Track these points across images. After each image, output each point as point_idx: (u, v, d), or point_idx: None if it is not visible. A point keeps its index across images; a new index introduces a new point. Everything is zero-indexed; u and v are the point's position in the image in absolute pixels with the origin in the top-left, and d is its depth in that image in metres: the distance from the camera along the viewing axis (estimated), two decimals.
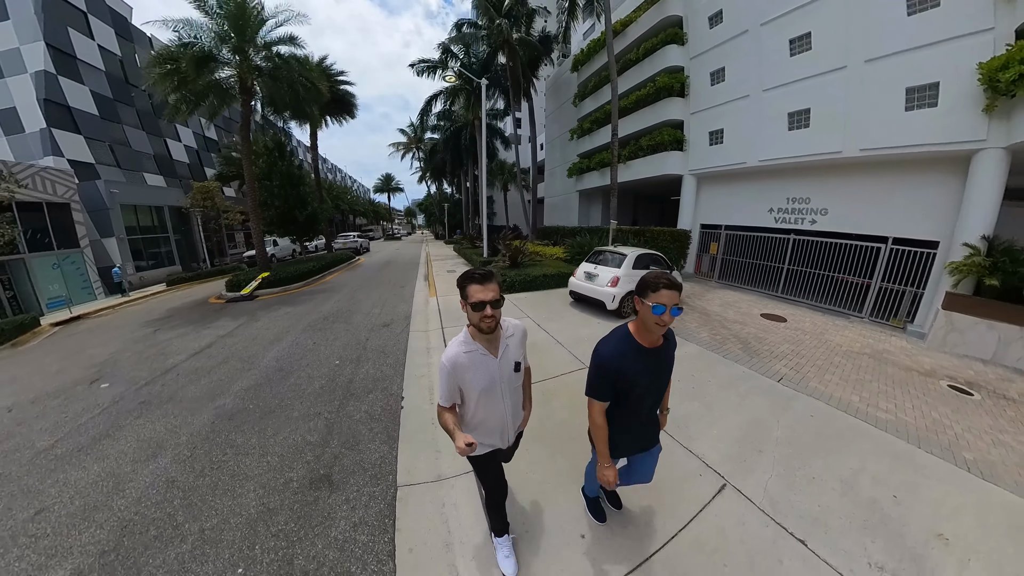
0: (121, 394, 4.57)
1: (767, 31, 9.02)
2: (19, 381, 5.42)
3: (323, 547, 2.20)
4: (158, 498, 2.69)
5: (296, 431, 3.49)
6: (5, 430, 3.87)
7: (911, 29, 6.85)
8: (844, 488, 2.48)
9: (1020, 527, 2.25)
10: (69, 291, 12.18)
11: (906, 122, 6.93)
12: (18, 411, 4.33)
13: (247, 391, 4.40)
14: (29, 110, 15.45)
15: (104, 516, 2.54)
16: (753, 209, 10.06)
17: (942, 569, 1.92)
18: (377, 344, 5.88)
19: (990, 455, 3.14)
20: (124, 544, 2.29)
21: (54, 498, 2.77)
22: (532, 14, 16.03)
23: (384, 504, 2.52)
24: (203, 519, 2.46)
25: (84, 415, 4.08)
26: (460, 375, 1.50)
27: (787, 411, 3.51)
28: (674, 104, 11.57)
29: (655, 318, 1.36)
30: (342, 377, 4.67)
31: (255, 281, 10.26)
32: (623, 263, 6.90)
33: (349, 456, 3.07)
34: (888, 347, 6.14)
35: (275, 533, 2.31)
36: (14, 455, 3.38)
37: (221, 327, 7.40)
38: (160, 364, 5.55)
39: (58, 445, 3.49)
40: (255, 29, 9.41)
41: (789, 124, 8.65)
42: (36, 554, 2.27)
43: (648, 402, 1.65)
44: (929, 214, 7.12)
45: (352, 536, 2.27)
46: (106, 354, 6.30)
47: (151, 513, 2.55)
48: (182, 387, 4.66)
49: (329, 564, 2.08)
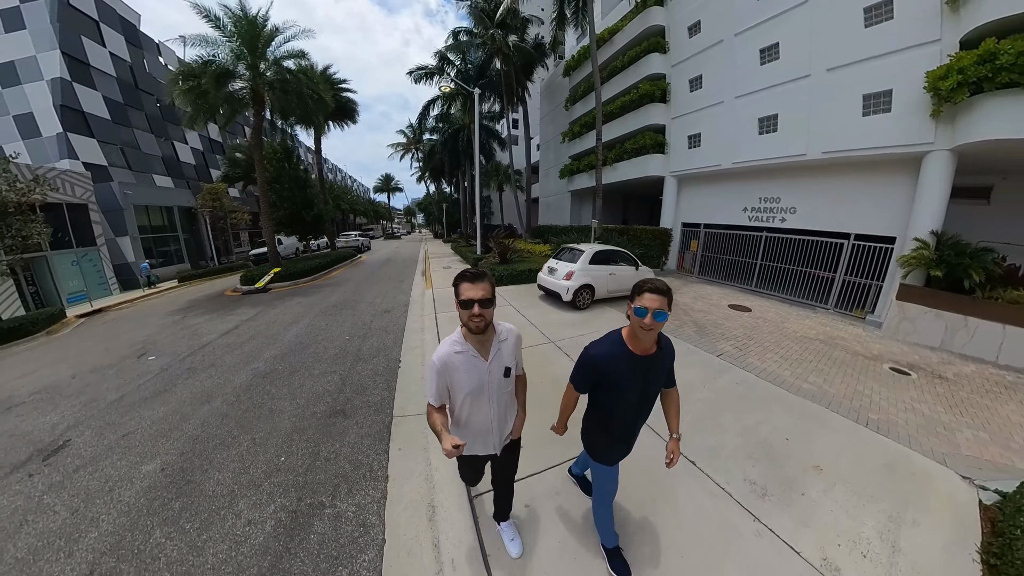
0: (168, 364, 5.36)
1: (740, 41, 9.44)
2: (70, 359, 6.08)
3: (339, 447, 3.15)
4: (216, 423, 3.60)
5: (317, 383, 4.40)
6: (76, 390, 4.71)
7: (868, 40, 7.26)
8: (744, 432, 2.96)
9: (891, 465, 2.71)
10: (87, 287, 12.65)
11: (863, 126, 7.35)
12: (80, 378, 5.07)
13: (275, 358, 5.29)
14: (46, 115, 15.91)
15: (177, 434, 3.46)
16: (729, 208, 10.48)
17: (809, 488, 2.38)
18: (380, 325, 6.70)
19: (896, 418, 3.58)
20: (196, 448, 3.22)
21: (135, 427, 3.65)
22: (525, 22, 16.41)
23: (383, 426, 3.43)
24: (252, 433, 3.41)
25: (141, 378, 4.88)
26: (449, 375, 1.48)
27: (716, 379, 4.01)
28: (656, 109, 11.99)
29: (638, 321, 1.33)
30: (351, 348, 5.57)
31: (268, 275, 10.95)
32: (580, 259, 7.35)
33: (358, 398, 4.00)
34: (843, 334, 6.54)
35: (305, 440, 3.26)
36: (91, 404, 4.24)
37: (243, 314, 8.17)
38: (196, 342, 6.33)
39: (125, 398, 4.33)
40: (265, 45, 10.04)
41: (759, 129, 9.08)
42: (132, 456, 3.18)
43: (635, 410, 1.58)
44: (886, 211, 7.53)
45: (359, 442, 3.22)
46: (143, 336, 7.02)
47: (212, 432, 3.47)
48: (219, 357, 5.47)
49: (344, 455, 3.04)
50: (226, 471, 2.89)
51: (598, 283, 7.44)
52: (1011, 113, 5.47)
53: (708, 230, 11.11)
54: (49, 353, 6.63)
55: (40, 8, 15.92)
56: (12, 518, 2.52)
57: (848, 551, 1.99)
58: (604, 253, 7.67)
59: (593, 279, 7.34)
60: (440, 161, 26.81)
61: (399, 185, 54.50)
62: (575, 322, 6.44)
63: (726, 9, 9.82)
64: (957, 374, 4.98)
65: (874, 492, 2.41)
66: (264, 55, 10.11)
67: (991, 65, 5.49)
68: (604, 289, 7.61)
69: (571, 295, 7.09)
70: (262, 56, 10.04)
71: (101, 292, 13.48)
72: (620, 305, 7.87)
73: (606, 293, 7.69)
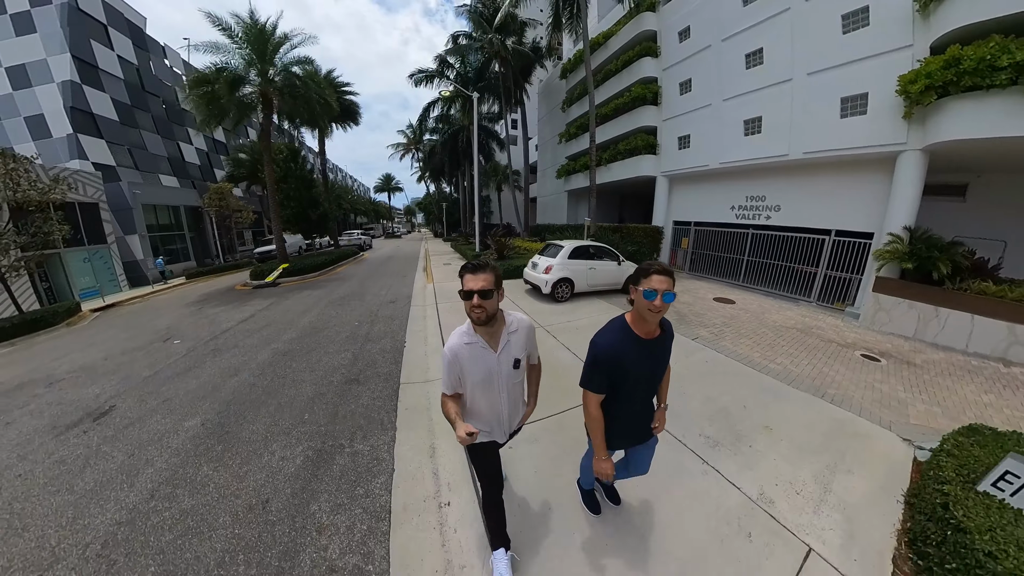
0: (193, 346, 5.85)
1: (727, 46, 9.75)
2: (97, 345, 6.49)
3: (355, 407, 3.69)
4: (245, 391, 4.14)
5: (333, 359, 4.98)
6: (111, 368, 5.20)
7: (846, 46, 7.57)
8: (706, 400, 3.31)
9: (838, 429, 3.04)
10: (99, 283, 12.94)
11: (841, 128, 7.67)
12: (112, 360, 5.51)
13: (293, 340, 5.87)
14: (56, 117, 16.18)
15: (211, 399, 4.00)
16: (718, 207, 10.80)
17: (756, 443, 2.71)
18: (386, 313, 7.20)
19: (854, 394, 3.88)
20: (230, 409, 3.75)
21: (172, 394, 4.18)
22: (523, 26, 16.71)
23: (391, 391, 3.99)
24: (279, 398, 3.95)
25: (170, 358, 5.34)
26: (460, 365, 1.48)
27: (689, 357, 4.37)
28: (648, 112, 12.31)
29: (647, 303, 1.32)
30: (361, 331, 6.17)
31: (277, 270, 11.43)
32: (559, 254, 7.65)
33: (369, 371, 4.56)
34: (820, 324, 6.85)
35: (325, 402, 3.80)
36: (127, 379, 4.75)
37: (256, 304, 8.64)
38: (216, 328, 6.83)
39: (159, 374, 4.84)
40: (274, 52, 10.50)
41: (745, 130, 9.40)
42: (174, 415, 3.70)
43: (643, 394, 1.59)
44: (864, 208, 7.84)
45: (371, 403, 3.76)
46: (165, 325, 7.48)
47: (242, 397, 4.00)
48: (241, 340, 5.99)
49: (359, 412, 3.58)
50: (258, 424, 3.42)
51: (577, 277, 7.73)
52: (973, 114, 5.78)
53: (698, 228, 11.43)
54: (74, 341, 7.00)
55: (50, 12, 16.18)
56: (76, 462, 3.01)
57: (783, 490, 2.33)
58: (584, 249, 7.95)
59: (572, 273, 7.64)
60: (440, 161, 27.10)
61: (399, 185, 54.78)
62: (562, 311, 6.89)
63: (714, 15, 10.13)
64: (926, 360, 5.14)
65: (816, 448, 2.73)
66: (273, 61, 10.54)
67: (955, 70, 5.81)
68: (584, 283, 7.89)
69: (550, 288, 7.42)
70: (271, 62, 10.47)
71: (112, 288, 13.76)
72: (604, 294, 8.24)
73: (587, 287, 7.98)
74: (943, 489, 1.88)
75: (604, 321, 1.62)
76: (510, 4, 12.80)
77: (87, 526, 2.32)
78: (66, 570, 2.02)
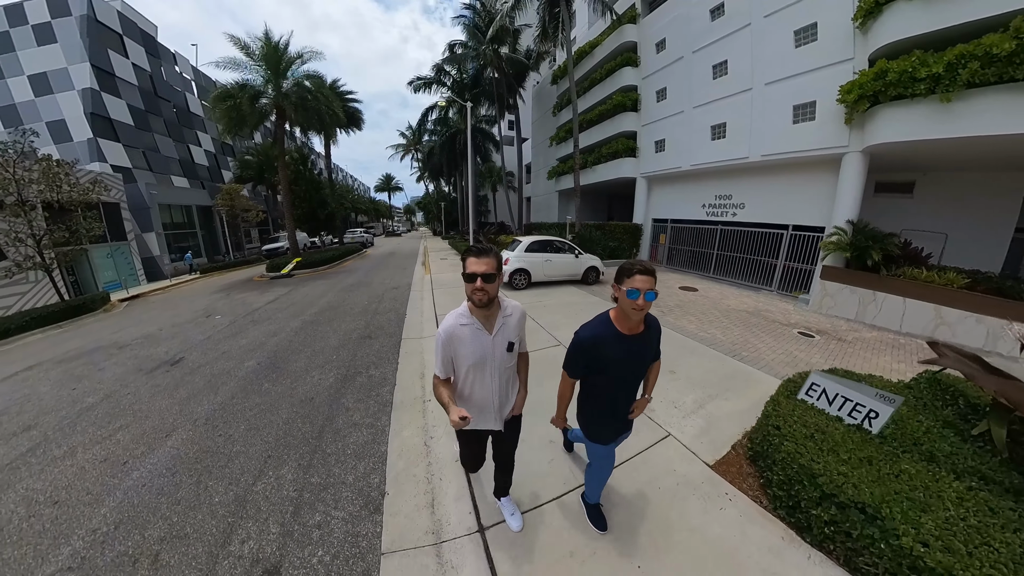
0: (233, 320, 7.02)
1: (696, 58, 10.44)
2: (144, 323, 7.53)
3: (369, 352, 4.96)
4: (286, 344, 5.44)
5: (350, 324, 6.33)
6: (169, 335, 6.43)
7: (798, 59, 8.26)
8: None
9: (732, 376, 3.76)
10: (120, 276, 13.65)
11: (794, 132, 8.36)
12: (167, 331, 6.69)
13: (316, 313, 7.19)
14: (77, 122, 16.87)
15: (260, 351, 5.22)
16: (691, 205, 11.51)
17: (659, 381, 3.38)
18: (390, 296, 8.34)
19: (766, 356, 4.52)
20: (276, 355, 5.00)
21: (228, 349, 5.39)
22: (517, 33, 17.34)
23: (395, 343, 5.25)
24: (311, 347, 5.25)
25: (216, 328, 6.63)
26: (454, 346, 1.49)
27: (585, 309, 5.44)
28: (628, 117, 13.01)
29: (630, 303, 1.34)
30: (370, 307, 7.46)
31: (291, 263, 12.57)
32: (517, 248, 8.56)
33: (378, 331, 5.88)
34: (772, 309, 7.50)
35: (347, 351, 5.04)
36: (187, 341, 5.96)
37: (277, 291, 9.84)
38: (248, 307, 8.03)
39: (211, 338, 6.04)
40: (287, 68, 11.58)
41: (712, 135, 10.10)
42: (234, 360, 4.90)
43: (624, 386, 1.60)
44: (815, 205, 8.53)
45: (381, 350, 5.04)
46: (202, 306, 8.60)
47: (285, 348, 5.28)
48: (273, 315, 7.20)
49: (372, 355, 4.86)
50: (299, 362, 4.72)
51: (534, 268, 8.53)
52: (900, 120, 6.46)
53: (674, 225, 12.13)
54: (121, 321, 7.97)
55: (70, 24, 16.86)
56: (168, 386, 4.27)
57: (665, 405, 3.18)
58: (540, 243, 8.82)
59: (528, 264, 8.44)
60: (439, 162, 27.73)
61: (399, 184, 55.40)
62: (532, 294, 7.85)
63: (686, 29, 10.82)
64: (857, 338, 5.61)
65: (706, 385, 3.47)
66: (286, 75, 11.58)
67: (883, 81, 6.49)
68: (541, 273, 8.69)
69: (507, 277, 8.29)
70: (284, 76, 11.53)
71: (131, 282, 14.44)
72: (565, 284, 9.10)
73: (544, 277, 8.77)
74: (775, 398, 2.58)
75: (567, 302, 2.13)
76: (502, 18, 13.46)
77: (191, 413, 3.57)
78: (185, 432, 3.23)
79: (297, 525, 2.12)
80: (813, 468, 1.88)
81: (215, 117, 11.29)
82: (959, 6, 5.75)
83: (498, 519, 2.00)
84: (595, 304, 6.99)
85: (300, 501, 2.30)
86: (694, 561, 1.77)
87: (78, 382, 4.64)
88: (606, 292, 8.17)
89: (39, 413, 3.85)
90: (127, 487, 2.53)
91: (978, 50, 5.38)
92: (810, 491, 1.84)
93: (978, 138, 5.70)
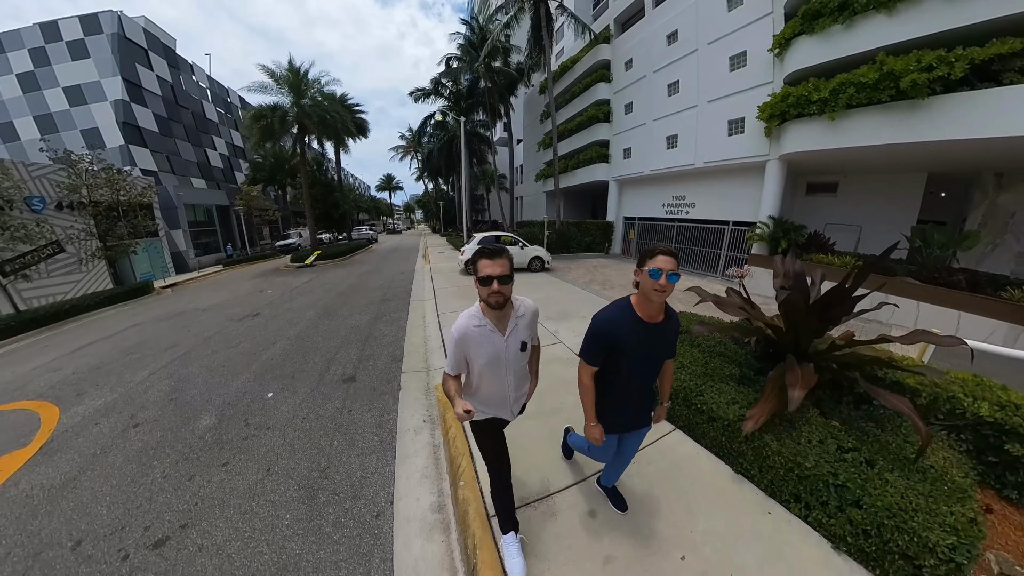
0: (282, 293, 8.95)
1: (656, 77, 11.88)
2: (202, 299, 9.16)
3: (389, 307, 7.16)
4: (330, 303, 7.62)
5: (372, 294, 8.38)
6: (237, 302, 8.31)
7: (732, 81, 9.69)
8: (562, 308, 5.82)
9: (585, 301, 5.31)
10: (153, 268, 15.05)
11: (729, 143, 9.82)
12: (232, 300, 8.64)
13: (345, 289, 9.24)
14: (109, 130, 18.24)
15: (313, 309, 7.26)
16: (654, 205, 12.99)
17: (570, 321, 4.89)
18: (399, 278, 10.29)
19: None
20: (326, 310, 7.11)
21: (289, 307, 7.54)
22: (508, 50, 18.68)
23: (405, 302, 7.45)
24: (350, 305, 7.44)
25: (271, 298, 8.52)
26: (467, 347, 1.46)
27: (570, 295, 7.02)
28: (602, 128, 14.50)
29: (652, 283, 1.28)
30: (385, 285, 9.51)
31: (313, 255, 14.44)
32: (472, 242, 10.60)
33: (394, 296, 7.99)
34: (710, 289, 8.97)
35: (373, 306, 7.24)
36: (255, 306, 7.77)
37: (306, 277, 11.65)
38: (289, 286, 9.96)
39: (272, 303, 8.04)
40: (307, 90, 13.56)
41: (667, 145, 11.58)
42: (296, 314, 6.93)
43: (640, 375, 1.53)
44: (748, 204, 9.99)
45: (396, 305, 7.23)
46: (248, 286, 10.36)
47: (330, 305, 7.48)
48: (311, 290, 9.17)
49: (391, 308, 7.04)
50: (344, 312, 6.86)
51: None
52: (800, 134, 7.94)
53: (641, 222, 13.61)
54: (182, 298, 9.57)
55: (102, 41, 18.19)
56: (256, 327, 6.13)
57: (567, 334, 4.83)
58: (491, 239, 10.79)
59: None
60: (437, 164, 29.10)
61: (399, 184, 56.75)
62: None
63: (648, 51, 12.25)
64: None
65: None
66: (306, 96, 13.39)
67: (786, 103, 7.96)
68: None
69: (462, 265, 10.25)
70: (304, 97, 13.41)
71: (163, 273, 15.84)
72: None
73: None
74: None
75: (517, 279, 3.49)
76: (494, 39, 14.83)
77: (284, 334, 5.60)
78: (284, 342, 5.15)
79: (360, 366, 4.32)
80: None
81: (249, 132, 13.08)
82: (844, 42, 7.19)
83: None
84: (533, 282, 8.84)
85: (360, 359, 4.53)
86: None
87: (188, 328, 6.35)
88: (541, 278, 9.82)
89: (173, 342, 5.55)
90: (261, 360, 4.60)
91: (853, 78, 6.84)
92: None
93: (857, 148, 7.13)
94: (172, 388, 3.91)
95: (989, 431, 2.03)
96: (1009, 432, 1.96)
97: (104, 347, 5.58)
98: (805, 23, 7.80)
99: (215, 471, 2.53)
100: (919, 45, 6.32)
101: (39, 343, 6.31)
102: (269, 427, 3.06)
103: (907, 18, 6.34)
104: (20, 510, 2.27)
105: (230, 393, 3.71)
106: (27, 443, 3.00)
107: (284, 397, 3.58)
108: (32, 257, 9.16)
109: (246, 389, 3.79)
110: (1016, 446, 1.93)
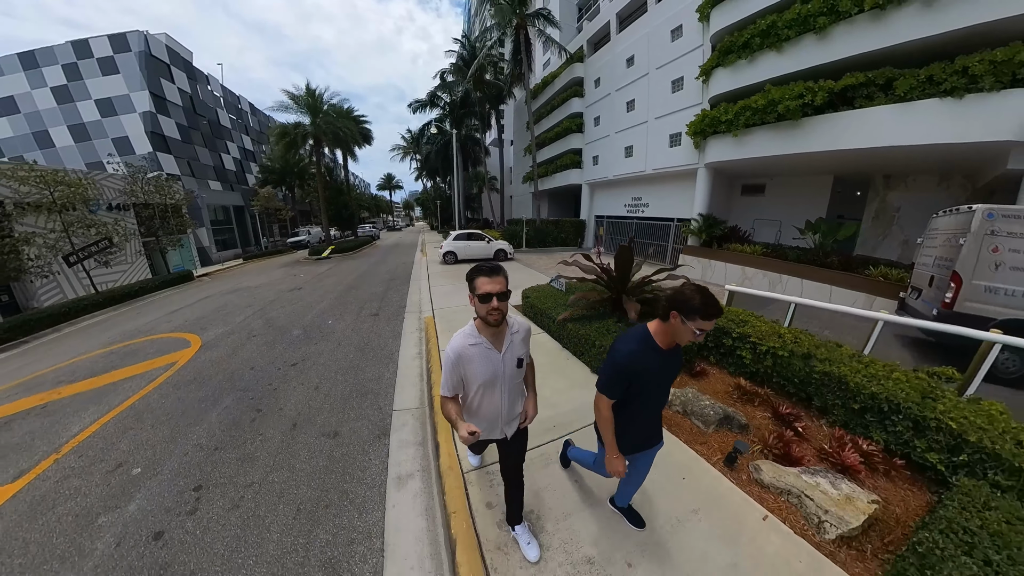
0: (311, 278, 11.00)
1: (618, 95, 13.97)
2: (247, 280, 11.36)
3: (396, 284, 9.70)
4: (352, 282, 10.14)
5: (382, 277, 10.85)
6: (279, 282, 10.56)
7: (673, 101, 11.76)
8: (515, 283, 7.72)
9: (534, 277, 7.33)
10: (183, 262, 17.05)
11: (670, 153, 11.91)
12: (271, 282, 10.69)
13: (360, 274, 11.49)
14: (139, 139, 20.21)
15: (341, 286, 9.65)
16: (618, 205, 15.11)
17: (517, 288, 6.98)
18: (402, 267, 12.54)
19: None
20: (351, 286, 9.65)
21: (321, 285, 10.01)
22: (498, 64, 20.72)
23: (406, 280, 10.13)
24: (368, 282, 10.19)
25: (304, 280, 10.80)
26: (464, 366, 1.47)
27: (520, 274, 9.15)
28: (575, 138, 16.64)
29: (690, 336, 1.29)
30: (392, 271, 12.02)
31: (328, 250, 16.62)
32: (449, 238, 12.76)
33: (399, 278, 10.63)
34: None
35: (382, 283, 9.87)
36: (294, 284, 10.27)
37: (326, 267, 13.72)
38: (314, 273, 12.17)
39: (308, 283, 10.45)
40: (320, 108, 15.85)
41: (625, 154, 13.70)
42: (328, 288, 9.40)
43: (656, 400, 1.57)
44: (688, 204, 12.04)
45: (400, 284, 9.65)
46: (279, 275, 12.40)
47: (353, 283, 10.02)
48: (334, 275, 11.25)
49: (396, 286, 9.46)
50: (364, 286, 9.39)
51: (459, 250, 12.61)
52: (718, 147, 10.00)
53: (608, 220, 15.70)
54: (225, 283, 11.58)
55: (130, 58, 20.12)
56: (304, 294, 8.74)
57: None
58: (464, 235, 13.08)
59: (455, 248, 12.57)
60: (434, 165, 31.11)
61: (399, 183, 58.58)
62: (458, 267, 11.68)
63: (612, 72, 14.32)
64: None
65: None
66: (320, 112, 15.59)
67: (704, 123, 10.02)
68: (464, 253, 12.63)
69: (441, 256, 12.46)
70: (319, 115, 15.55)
71: (190, 266, 17.84)
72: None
73: (466, 256, 12.61)
74: (536, 286, 6.12)
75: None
76: (483, 57, 16.88)
77: (327, 297, 8.19)
78: (328, 301, 7.71)
79: (381, 310, 6.89)
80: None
81: (274, 146, 15.13)
82: (747, 73, 9.16)
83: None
84: (522, 266, 10.99)
85: (380, 307, 7.02)
86: None
87: (252, 297, 8.44)
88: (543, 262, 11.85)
89: (247, 303, 7.70)
90: (316, 310, 6.97)
91: (750, 103, 8.87)
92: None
93: (759, 158, 9.14)
94: (266, 323, 6.12)
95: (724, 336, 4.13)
96: (725, 334, 3.76)
97: (193, 310, 7.67)
98: (721, 57, 9.80)
99: (309, 345, 4.87)
100: (802, 77, 8.12)
101: (132, 310, 8.39)
102: (334, 332, 5.43)
103: (790, 55, 8.20)
104: (217, 355, 4.59)
105: (305, 322, 6.00)
106: (190, 345, 5.13)
107: (338, 322, 5.92)
108: (94, 248, 11.21)
109: (314, 321, 6.09)
110: (729, 339, 3.82)
